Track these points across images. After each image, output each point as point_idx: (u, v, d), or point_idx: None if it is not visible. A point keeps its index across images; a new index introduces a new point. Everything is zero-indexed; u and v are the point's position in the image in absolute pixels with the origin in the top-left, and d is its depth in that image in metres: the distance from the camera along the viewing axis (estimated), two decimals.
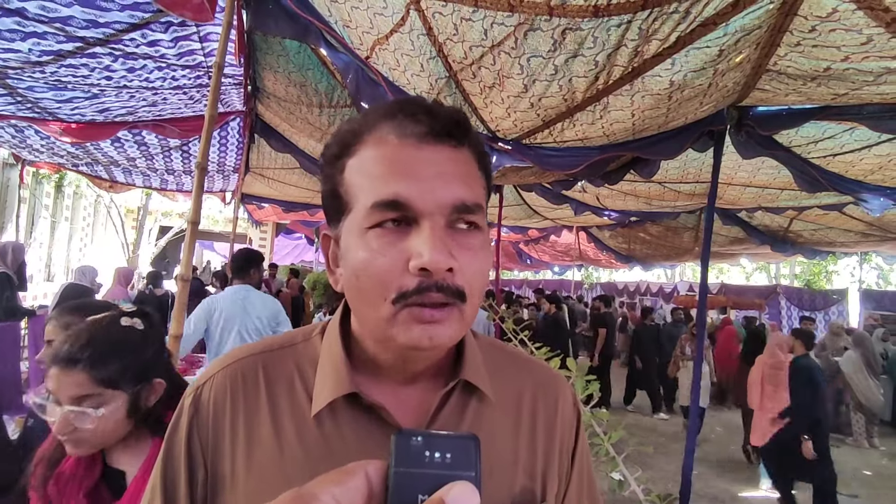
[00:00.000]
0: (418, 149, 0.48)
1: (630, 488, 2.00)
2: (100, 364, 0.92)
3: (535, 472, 0.57)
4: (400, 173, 0.47)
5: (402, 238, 0.46)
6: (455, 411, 0.55)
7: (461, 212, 0.48)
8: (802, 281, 18.77)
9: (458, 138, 0.50)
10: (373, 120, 0.50)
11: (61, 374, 0.91)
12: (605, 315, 7.65)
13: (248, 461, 0.51)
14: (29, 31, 2.38)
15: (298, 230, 12.13)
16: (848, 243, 6.45)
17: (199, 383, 0.56)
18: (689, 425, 2.85)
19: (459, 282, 0.47)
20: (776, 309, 10.60)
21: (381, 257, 0.46)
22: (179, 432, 0.54)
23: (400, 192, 0.46)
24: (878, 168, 3.11)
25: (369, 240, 0.47)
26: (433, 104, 0.50)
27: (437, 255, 0.44)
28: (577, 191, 4.89)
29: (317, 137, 3.80)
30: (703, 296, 2.98)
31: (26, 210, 9.27)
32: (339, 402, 0.52)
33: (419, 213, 0.46)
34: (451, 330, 0.47)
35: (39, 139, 4.38)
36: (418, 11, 1.82)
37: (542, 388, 0.63)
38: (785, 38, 1.73)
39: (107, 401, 0.93)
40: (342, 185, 0.50)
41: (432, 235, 0.45)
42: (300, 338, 0.60)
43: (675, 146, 2.76)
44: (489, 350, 0.63)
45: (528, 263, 13.79)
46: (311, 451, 0.51)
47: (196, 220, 1.98)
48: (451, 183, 0.47)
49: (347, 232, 0.50)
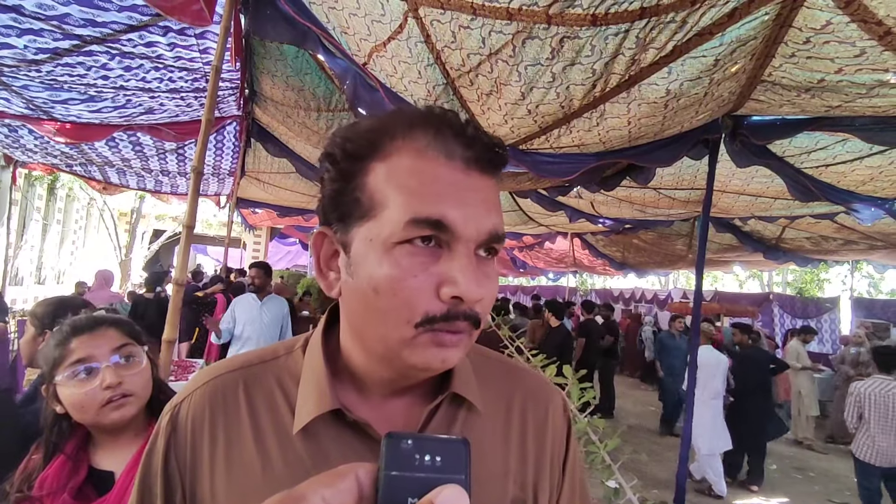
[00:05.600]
0: (466, 174, 0.46)
1: (626, 497, 2.00)
2: (120, 323, 1.05)
3: (527, 482, 0.56)
4: (446, 195, 0.45)
5: (435, 261, 0.45)
6: (443, 424, 0.54)
7: (493, 241, 0.47)
8: (795, 289, 18.90)
9: (498, 168, 0.50)
10: (408, 124, 0.47)
11: (90, 338, 0.99)
12: (588, 322, 7.48)
13: (228, 481, 0.50)
14: (25, 28, 2.35)
15: (293, 235, 12.09)
16: (840, 252, 6.50)
17: (177, 402, 0.54)
18: (682, 434, 2.84)
19: (480, 310, 0.46)
20: (769, 316, 10.67)
21: (411, 278, 0.44)
22: (156, 454, 0.52)
23: (447, 214, 0.44)
24: (869, 179, 3.14)
25: (398, 256, 0.44)
26: (475, 125, 0.48)
27: (473, 286, 0.44)
28: (573, 196, 4.91)
29: (314, 142, 3.79)
30: (697, 303, 2.99)
31: (18, 212, 9.17)
32: (323, 419, 0.50)
33: (458, 239, 0.45)
34: (460, 353, 0.47)
35: (33, 139, 4.35)
36: (416, 19, 1.82)
37: (531, 397, 0.61)
38: (780, 50, 1.75)
39: (135, 353, 1.03)
40: (364, 188, 0.47)
41: (469, 264, 0.44)
42: (282, 351, 0.58)
43: (671, 154, 2.77)
44: (478, 359, 0.62)
45: (522, 270, 13.80)
46: (293, 469, 0.49)
47: (191, 225, 1.97)
48: (491, 212, 0.47)
49: (366, 241, 0.46)
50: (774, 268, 11.31)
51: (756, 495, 4.82)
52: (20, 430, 1.41)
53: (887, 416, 3.69)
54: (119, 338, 1.02)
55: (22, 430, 1.41)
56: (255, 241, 11.93)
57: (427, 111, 0.48)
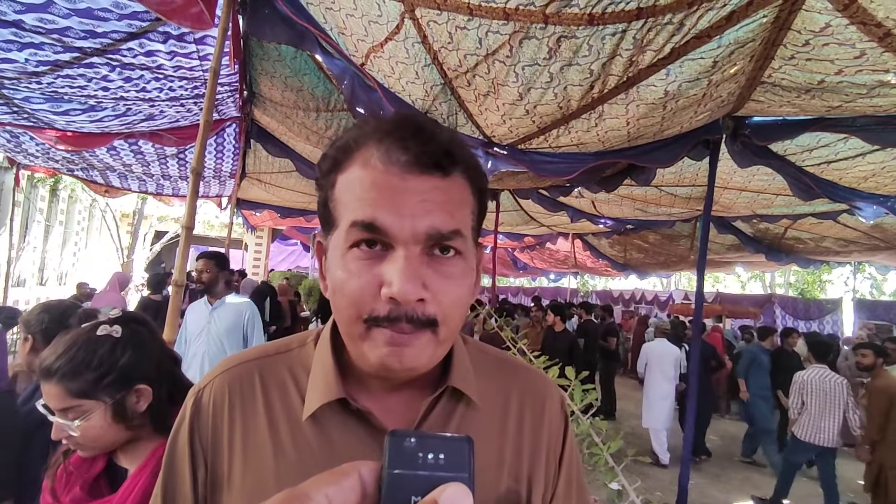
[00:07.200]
0: (402, 179, 0.48)
1: (629, 499, 1.98)
2: (71, 377, 0.94)
3: (521, 474, 0.58)
4: (379, 199, 0.47)
5: (378, 263, 0.48)
6: (442, 417, 0.56)
7: (437, 240, 0.48)
8: (797, 290, 18.85)
9: (446, 168, 0.49)
10: (363, 138, 0.51)
11: (44, 386, 0.95)
12: (586, 323, 7.47)
13: (244, 462, 0.53)
14: (26, 42, 2.35)
15: (294, 236, 12.10)
16: (842, 252, 6.47)
17: (200, 387, 0.59)
18: (684, 437, 2.83)
19: (431, 311, 0.47)
20: (770, 318, 10.63)
21: (356, 279, 0.48)
22: (181, 433, 0.57)
23: (377, 217, 0.47)
24: (871, 175, 3.13)
25: (348, 260, 0.49)
26: (426, 128, 0.50)
27: (407, 286, 0.45)
28: (574, 196, 4.90)
29: (314, 141, 3.79)
30: (699, 304, 2.97)
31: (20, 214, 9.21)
32: (330, 407, 0.53)
33: (394, 239, 0.47)
34: (424, 353, 0.49)
35: (35, 145, 4.36)
36: (413, 20, 1.82)
37: (529, 392, 0.63)
38: (779, 52, 1.74)
39: (86, 411, 0.95)
40: (332, 199, 0.52)
41: (405, 265, 0.46)
42: (295, 344, 0.62)
43: (671, 154, 2.76)
44: (477, 354, 0.64)
45: (523, 271, 13.78)
46: (302, 452, 0.53)
47: (190, 226, 1.97)
48: (432, 212, 0.47)
49: (333, 247, 0.52)
50: (776, 269, 11.29)
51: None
52: (21, 429, 1.42)
53: (825, 400, 4.16)
54: (61, 399, 0.93)
55: (23, 429, 1.41)
56: (256, 242, 11.93)
57: (388, 120, 0.51)
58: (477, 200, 0.54)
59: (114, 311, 1.07)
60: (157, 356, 1.05)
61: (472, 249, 0.53)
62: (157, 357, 1.05)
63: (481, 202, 0.55)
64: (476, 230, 0.55)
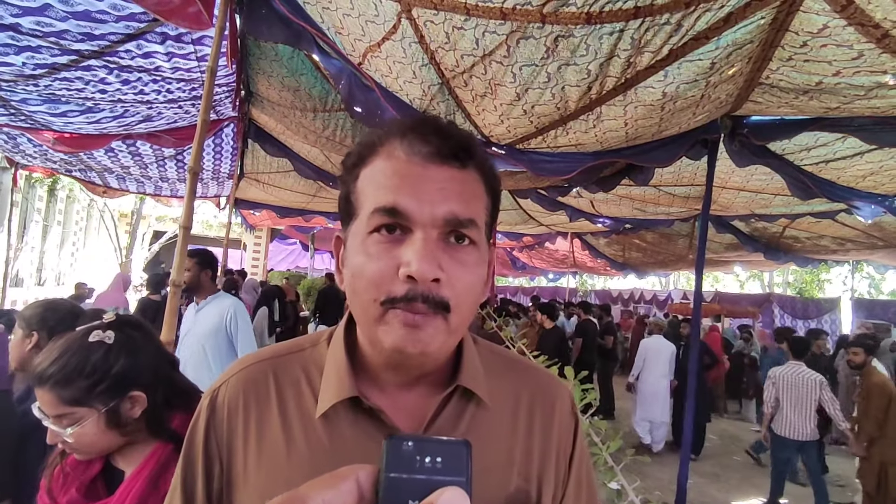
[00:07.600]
0: (423, 167, 0.51)
1: (629, 499, 1.98)
2: (64, 384, 0.93)
3: (531, 474, 0.58)
4: (402, 185, 0.50)
5: (397, 246, 0.49)
6: (452, 416, 0.57)
7: (454, 225, 0.50)
8: (795, 290, 18.87)
9: (463, 160, 0.53)
10: (387, 135, 0.54)
11: (37, 392, 0.94)
12: (584, 323, 7.38)
13: (258, 459, 0.55)
14: (23, 45, 2.34)
15: (293, 236, 12.09)
16: (840, 251, 6.48)
17: (215, 387, 0.60)
18: (683, 436, 2.83)
19: (445, 293, 0.49)
20: (769, 317, 10.64)
21: (375, 261, 0.49)
22: (198, 431, 0.58)
23: (399, 201, 0.49)
24: (869, 174, 3.13)
25: (368, 245, 0.50)
26: (446, 126, 0.53)
27: (424, 265, 0.47)
28: (573, 196, 4.91)
29: (311, 141, 3.79)
30: (697, 303, 2.97)
31: (18, 213, 9.19)
32: (342, 405, 0.55)
33: (413, 222, 0.49)
34: (436, 338, 0.49)
35: (32, 146, 4.34)
36: (410, 20, 1.81)
37: (539, 392, 0.64)
38: (777, 53, 1.74)
39: (79, 418, 0.94)
40: (354, 192, 0.54)
41: (423, 246, 0.48)
42: (308, 344, 0.63)
43: (669, 154, 2.76)
44: (488, 355, 0.65)
45: (521, 270, 13.78)
46: (315, 450, 0.54)
47: (188, 226, 1.96)
48: (450, 199, 0.50)
49: (353, 235, 0.54)
50: (775, 268, 11.30)
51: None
52: (18, 429, 1.41)
53: (798, 396, 4.24)
54: (54, 406, 0.93)
55: (19, 430, 1.41)
56: (255, 242, 11.92)
57: (411, 119, 0.54)
58: (490, 199, 0.56)
59: (108, 314, 1.05)
60: (152, 361, 1.03)
61: (486, 243, 0.55)
62: (152, 362, 1.03)
63: (494, 202, 0.57)
64: (489, 226, 0.57)
